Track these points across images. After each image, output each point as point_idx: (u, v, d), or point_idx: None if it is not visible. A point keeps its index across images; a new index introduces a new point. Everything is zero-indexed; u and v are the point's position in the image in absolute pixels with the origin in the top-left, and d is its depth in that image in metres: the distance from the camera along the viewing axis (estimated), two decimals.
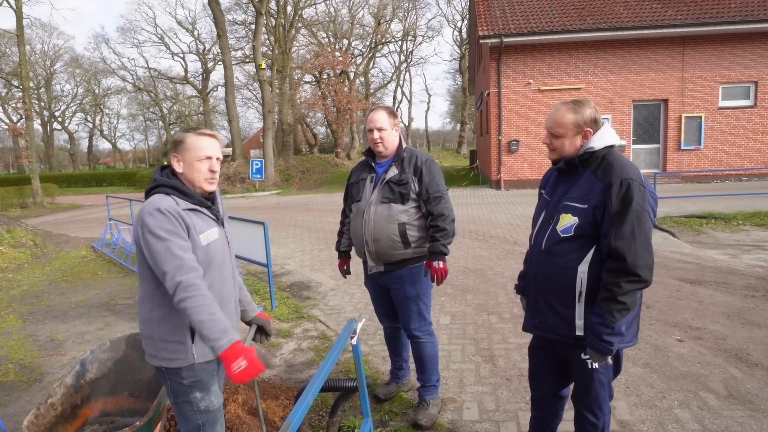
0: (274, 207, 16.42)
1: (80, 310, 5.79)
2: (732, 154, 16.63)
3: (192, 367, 1.99)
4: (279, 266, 7.52)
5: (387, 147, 2.99)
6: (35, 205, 21.00)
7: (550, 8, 17.28)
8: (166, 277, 1.83)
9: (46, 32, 50.31)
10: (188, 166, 2.01)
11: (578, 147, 2.11)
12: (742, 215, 9.57)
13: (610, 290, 1.92)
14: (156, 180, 2.02)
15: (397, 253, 2.95)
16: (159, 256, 1.85)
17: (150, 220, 1.87)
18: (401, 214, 2.91)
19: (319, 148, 47.74)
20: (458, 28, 50.42)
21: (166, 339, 1.97)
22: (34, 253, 9.30)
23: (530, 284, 2.26)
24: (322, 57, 36.47)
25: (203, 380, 2.02)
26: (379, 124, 2.94)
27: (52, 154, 52.70)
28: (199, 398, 2.02)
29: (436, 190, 2.93)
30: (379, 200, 2.95)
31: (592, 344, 1.98)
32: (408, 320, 3.07)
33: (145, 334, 2.01)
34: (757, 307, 4.82)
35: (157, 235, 1.85)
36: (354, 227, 3.08)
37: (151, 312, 1.98)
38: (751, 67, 16.19)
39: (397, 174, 2.95)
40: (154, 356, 2.00)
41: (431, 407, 3.09)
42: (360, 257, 3.14)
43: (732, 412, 3.02)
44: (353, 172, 3.20)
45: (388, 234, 2.92)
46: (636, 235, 1.89)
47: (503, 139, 17.15)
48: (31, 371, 4.14)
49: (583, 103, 2.09)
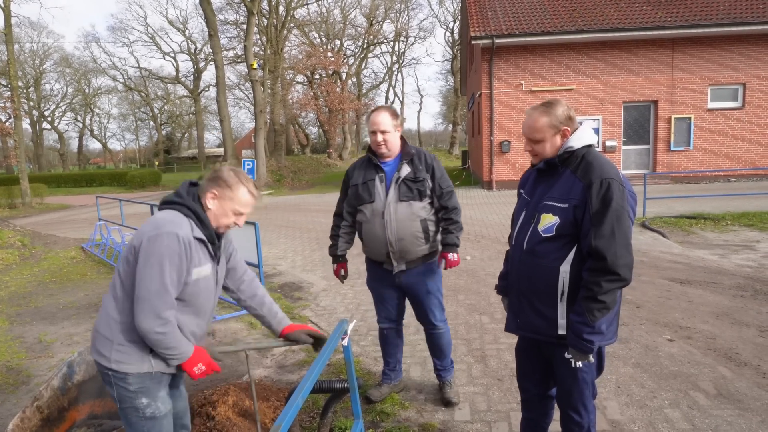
0: (266, 207, 16.36)
1: (69, 311, 5.73)
2: (721, 155, 16.78)
3: (141, 375, 1.95)
4: (270, 267, 7.49)
5: (390, 149, 3.00)
6: (24, 206, 20.79)
7: (541, 9, 17.36)
8: (146, 302, 1.84)
9: (36, 31, 50.08)
10: (222, 211, 2.02)
11: (559, 146, 2.11)
12: (731, 215, 9.66)
13: (590, 289, 1.92)
14: (182, 197, 1.99)
15: (419, 249, 3.02)
16: (152, 280, 1.84)
17: (165, 240, 1.85)
18: (421, 210, 2.99)
19: (311, 149, 47.67)
20: (450, 29, 50.53)
21: (126, 344, 1.92)
22: (22, 253, 9.19)
23: (512, 284, 2.26)
24: (314, 57, 36.42)
25: (149, 387, 1.98)
26: (382, 127, 2.93)
27: (41, 154, 52.23)
28: (145, 404, 1.97)
29: (447, 185, 3.06)
30: (397, 199, 2.96)
31: (573, 343, 1.99)
32: (429, 313, 3.18)
33: (102, 332, 1.94)
34: (746, 307, 4.86)
35: (161, 262, 1.84)
36: (371, 229, 3.04)
37: (120, 314, 1.92)
38: (740, 69, 16.35)
39: (411, 172, 2.98)
40: (105, 357, 1.93)
41: (453, 385, 3.33)
42: (378, 259, 3.13)
43: (721, 411, 3.04)
44: (354, 173, 3.13)
45: (411, 231, 2.97)
46: (616, 234, 1.90)
47: (495, 140, 17.19)
48: (17, 373, 4.09)
49: (554, 103, 2.10)
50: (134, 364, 1.93)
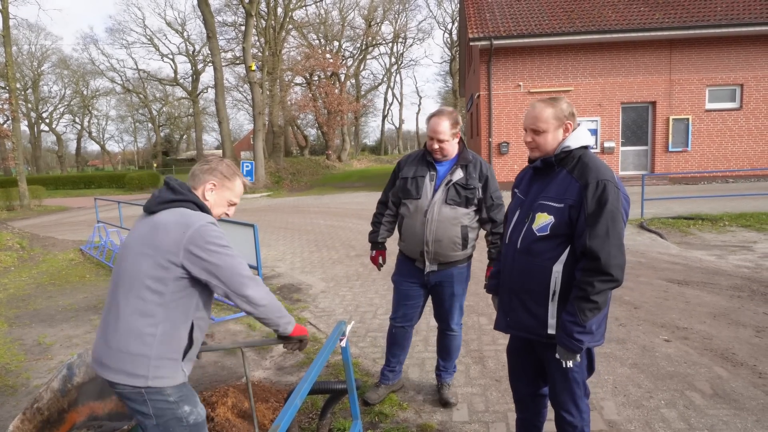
0: (265, 209, 16.37)
1: (68, 313, 5.74)
2: (719, 156, 16.83)
3: (179, 384, 1.92)
4: (269, 269, 7.50)
5: (446, 155, 3.01)
6: (22, 208, 20.76)
7: (539, 11, 17.41)
8: (244, 278, 1.87)
9: (34, 33, 50.07)
10: (219, 201, 2.07)
11: (560, 141, 2.13)
12: (729, 216, 9.69)
13: (583, 289, 1.94)
14: (182, 194, 1.95)
15: (454, 254, 3.03)
16: (231, 261, 1.86)
17: (213, 230, 1.86)
18: (464, 217, 2.99)
19: (309, 150, 47.67)
20: (448, 30, 50.66)
21: (165, 357, 1.85)
22: (20, 256, 9.20)
23: (504, 282, 2.28)
24: (313, 59, 36.46)
25: (188, 394, 1.95)
26: (440, 136, 2.93)
27: (39, 156, 52.20)
28: (188, 412, 1.93)
29: (498, 197, 3.07)
30: (443, 201, 2.96)
31: (563, 342, 2.01)
32: (450, 316, 3.21)
33: (134, 351, 1.82)
34: (743, 307, 4.88)
35: (222, 245, 1.87)
36: (412, 225, 3.05)
37: (154, 327, 1.83)
38: (737, 70, 16.41)
39: (464, 178, 2.97)
40: (141, 376, 1.82)
41: (452, 386, 3.41)
42: (411, 256, 3.14)
43: (717, 411, 3.06)
44: (406, 165, 3.13)
45: (450, 236, 2.97)
46: (610, 235, 1.92)
47: (494, 141, 17.22)
48: (17, 376, 4.10)
49: (559, 99, 2.15)
50: (172, 376, 1.88)
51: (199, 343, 1.99)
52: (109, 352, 1.86)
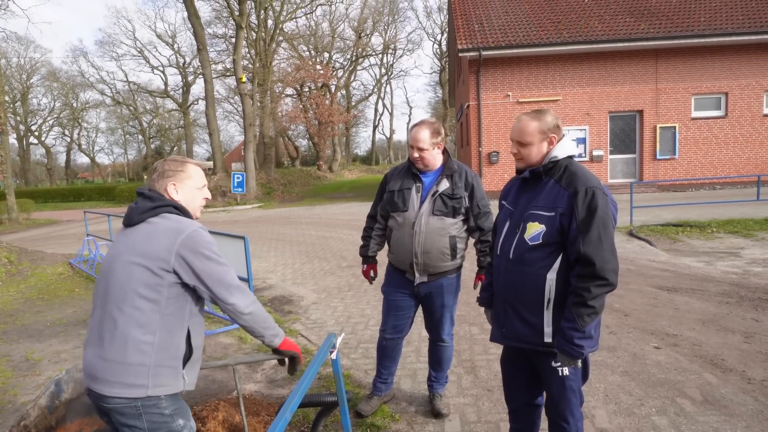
0: (256, 220, 16.32)
1: (56, 328, 5.67)
2: (705, 163, 17.05)
3: (176, 395, 1.89)
4: (260, 280, 7.47)
5: (427, 165, 3.02)
6: (10, 221, 20.54)
7: (527, 22, 17.62)
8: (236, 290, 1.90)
9: (23, 45, 49.53)
10: (189, 194, 2.04)
11: (544, 154, 2.17)
12: (716, 223, 9.80)
13: (580, 295, 1.97)
14: (158, 200, 1.94)
15: (443, 264, 3.03)
16: (222, 270, 1.88)
17: (205, 236, 1.88)
18: (452, 227, 2.99)
19: (301, 161, 47.71)
20: (438, 41, 51.09)
21: (164, 364, 1.83)
22: (8, 270, 9.08)
23: (498, 294, 2.29)
24: (303, 70, 36.62)
25: (182, 407, 1.92)
26: (420, 144, 2.95)
27: (28, 169, 51.75)
28: (182, 425, 1.90)
29: (485, 205, 3.07)
30: (430, 212, 2.97)
31: (564, 348, 2.02)
32: (441, 327, 3.20)
33: (131, 361, 1.79)
34: (731, 313, 4.93)
35: (212, 250, 1.88)
36: (400, 238, 3.06)
37: (152, 335, 1.81)
38: (722, 79, 16.68)
39: (449, 188, 2.98)
40: (140, 386, 1.79)
41: (444, 397, 3.38)
42: (401, 268, 3.14)
43: (707, 418, 3.08)
44: (393, 178, 3.15)
45: (438, 247, 2.97)
46: (603, 240, 1.96)
47: (483, 151, 17.34)
48: (4, 392, 4.04)
49: (544, 112, 2.19)
50: (172, 384, 1.85)
51: (200, 348, 1.98)
52: (104, 365, 1.82)
